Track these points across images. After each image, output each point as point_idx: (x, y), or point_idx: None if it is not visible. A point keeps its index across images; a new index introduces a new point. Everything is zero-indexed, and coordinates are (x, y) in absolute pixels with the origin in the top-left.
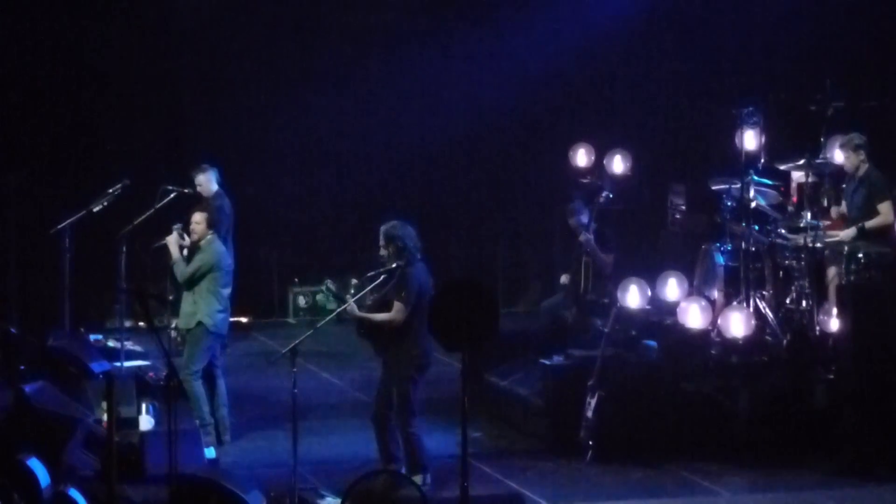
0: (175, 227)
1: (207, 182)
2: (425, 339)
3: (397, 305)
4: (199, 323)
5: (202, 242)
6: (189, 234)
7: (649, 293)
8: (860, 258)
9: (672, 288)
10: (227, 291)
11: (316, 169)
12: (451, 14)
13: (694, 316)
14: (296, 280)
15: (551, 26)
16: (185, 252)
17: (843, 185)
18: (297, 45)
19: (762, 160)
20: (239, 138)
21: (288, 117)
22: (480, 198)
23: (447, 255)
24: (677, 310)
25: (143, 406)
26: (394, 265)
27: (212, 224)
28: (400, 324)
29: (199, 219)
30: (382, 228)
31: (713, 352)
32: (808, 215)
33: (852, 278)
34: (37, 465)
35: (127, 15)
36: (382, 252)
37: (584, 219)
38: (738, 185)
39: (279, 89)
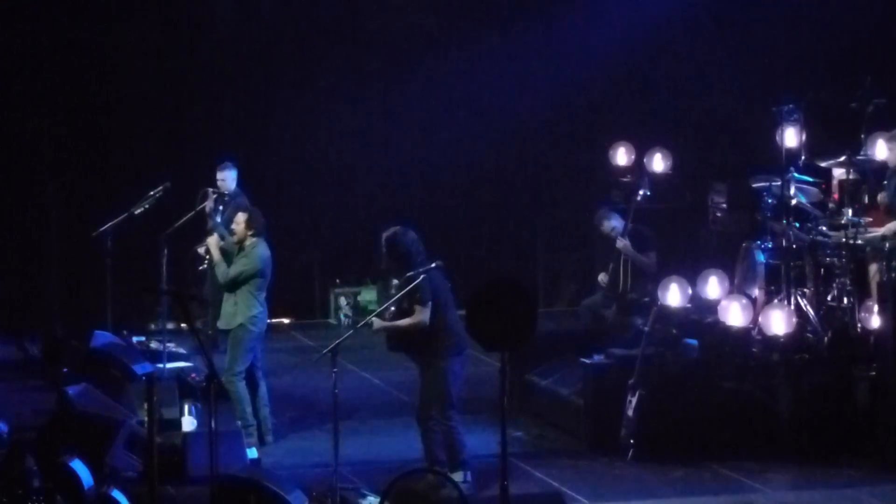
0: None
1: (230, 180)
2: (456, 327)
3: (418, 308)
4: (241, 324)
5: (247, 245)
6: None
7: (690, 292)
8: None
9: (713, 286)
10: (264, 295)
11: (356, 171)
12: (489, 15)
13: (735, 314)
14: (337, 281)
15: (591, 25)
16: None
17: (885, 182)
18: (336, 51)
19: (803, 158)
20: (280, 141)
21: (328, 121)
22: (519, 197)
23: (486, 254)
24: (718, 308)
25: (186, 407)
26: (433, 264)
27: (251, 225)
28: (427, 324)
29: (240, 219)
30: (384, 236)
31: (754, 350)
32: (849, 212)
33: (894, 275)
34: (80, 467)
35: (166, 20)
36: (388, 260)
37: (616, 223)
38: (779, 183)
39: (319, 94)
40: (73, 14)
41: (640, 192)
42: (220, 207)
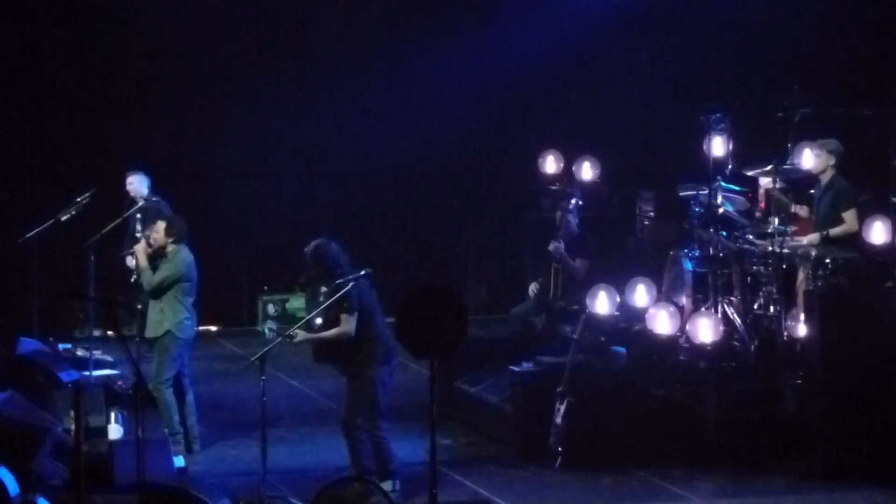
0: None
1: (138, 183)
2: (384, 335)
3: (344, 317)
4: (168, 331)
5: (168, 251)
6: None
7: (618, 300)
8: (827, 264)
9: (641, 294)
10: (191, 300)
11: (285, 178)
12: (416, 24)
13: (662, 322)
14: (265, 288)
15: (518, 34)
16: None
17: (811, 191)
18: (261, 61)
19: (730, 166)
20: (208, 149)
21: (256, 129)
22: (449, 205)
23: (416, 262)
24: (646, 316)
25: (112, 415)
26: (362, 272)
27: (171, 232)
28: (353, 333)
29: (159, 227)
30: (306, 250)
31: (682, 358)
32: (776, 221)
33: (819, 284)
34: (5, 475)
35: (94, 23)
36: (312, 273)
37: (573, 218)
38: (706, 192)
39: (248, 102)
40: None
41: (573, 201)
42: (139, 215)
